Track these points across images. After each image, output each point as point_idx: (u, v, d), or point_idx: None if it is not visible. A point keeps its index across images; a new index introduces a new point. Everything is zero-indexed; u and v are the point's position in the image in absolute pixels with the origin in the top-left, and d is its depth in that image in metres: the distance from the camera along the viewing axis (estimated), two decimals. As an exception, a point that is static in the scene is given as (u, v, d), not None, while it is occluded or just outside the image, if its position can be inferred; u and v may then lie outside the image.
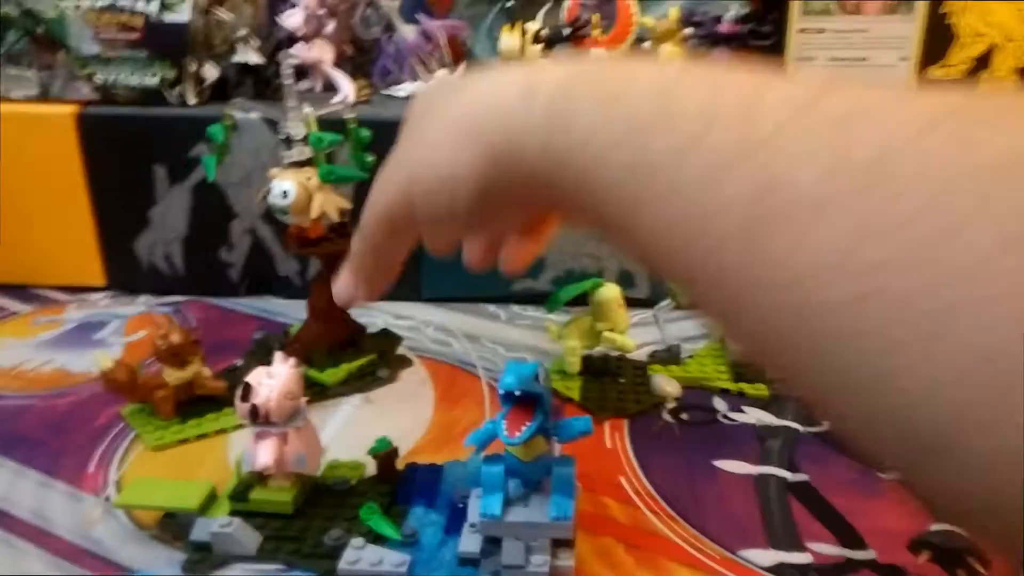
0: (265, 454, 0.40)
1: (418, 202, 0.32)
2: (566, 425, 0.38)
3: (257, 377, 0.41)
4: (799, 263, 0.19)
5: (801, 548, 0.40)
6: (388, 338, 0.57)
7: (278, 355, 0.43)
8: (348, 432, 0.51)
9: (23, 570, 0.39)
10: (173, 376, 0.50)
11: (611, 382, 0.55)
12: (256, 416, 0.40)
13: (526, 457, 0.37)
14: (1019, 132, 0.17)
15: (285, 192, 0.50)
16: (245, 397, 0.40)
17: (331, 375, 0.54)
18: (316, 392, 0.52)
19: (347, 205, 0.52)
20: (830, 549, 0.40)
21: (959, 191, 0.17)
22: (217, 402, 0.52)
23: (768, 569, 0.39)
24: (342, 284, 0.38)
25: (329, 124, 0.52)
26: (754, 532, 0.41)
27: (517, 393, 0.35)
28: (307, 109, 0.49)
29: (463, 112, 0.30)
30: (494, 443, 0.38)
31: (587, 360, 0.56)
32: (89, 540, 0.41)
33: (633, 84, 0.25)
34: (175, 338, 0.50)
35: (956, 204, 0.17)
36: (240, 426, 0.50)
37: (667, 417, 0.52)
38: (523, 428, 0.36)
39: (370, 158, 0.53)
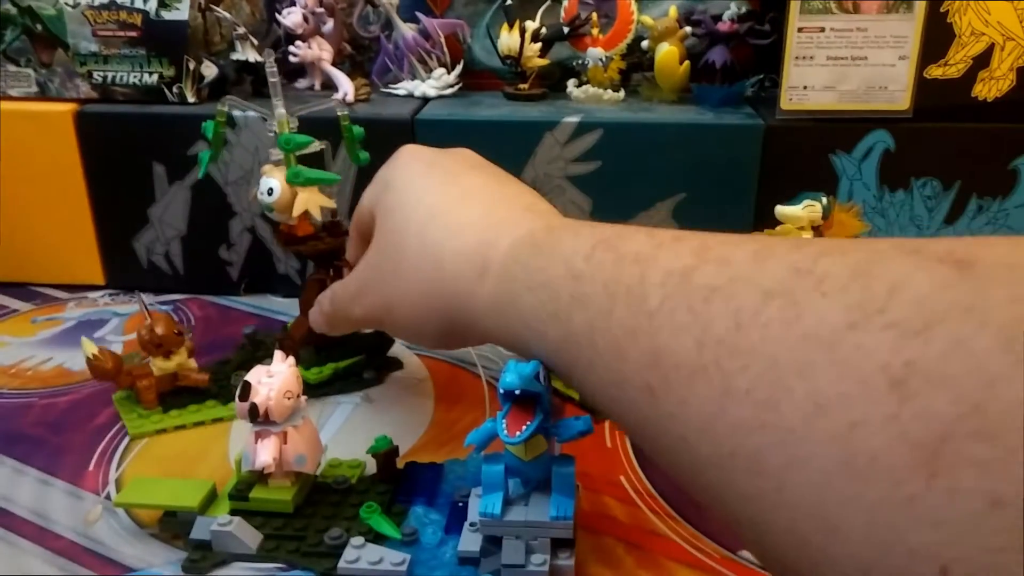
0: (265, 453, 0.40)
1: (390, 328, 0.43)
2: (566, 424, 0.38)
3: (256, 376, 0.41)
4: (687, 421, 0.23)
5: (800, 547, 0.40)
6: (381, 338, 0.57)
7: (278, 354, 0.43)
8: (347, 431, 0.51)
9: (22, 568, 0.39)
10: (157, 366, 0.51)
11: (610, 381, 0.55)
12: (255, 415, 0.40)
13: (526, 456, 0.37)
14: (840, 297, 0.20)
15: (271, 189, 0.50)
16: (244, 396, 0.40)
17: (315, 374, 0.55)
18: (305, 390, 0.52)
19: (331, 204, 0.52)
20: (829, 548, 0.40)
21: (786, 361, 0.20)
22: (201, 394, 0.52)
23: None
24: (314, 323, 0.48)
25: (324, 122, 0.52)
26: (753, 531, 0.41)
27: (517, 392, 0.35)
28: (280, 110, 0.49)
29: (428, 275, 0.36)
30: (494, 442, 0.38)
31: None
32: (89, 538, 0.41)
33: (554, 267, 0.30)
34: (159, 329, 0.50)
35: (783, 373, 0.20)
36: (220, 419, 0.51)
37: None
38: (523, 427, 0.35)
39: (364, 154, 0.53)
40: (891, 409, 0.18)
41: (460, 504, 0.42)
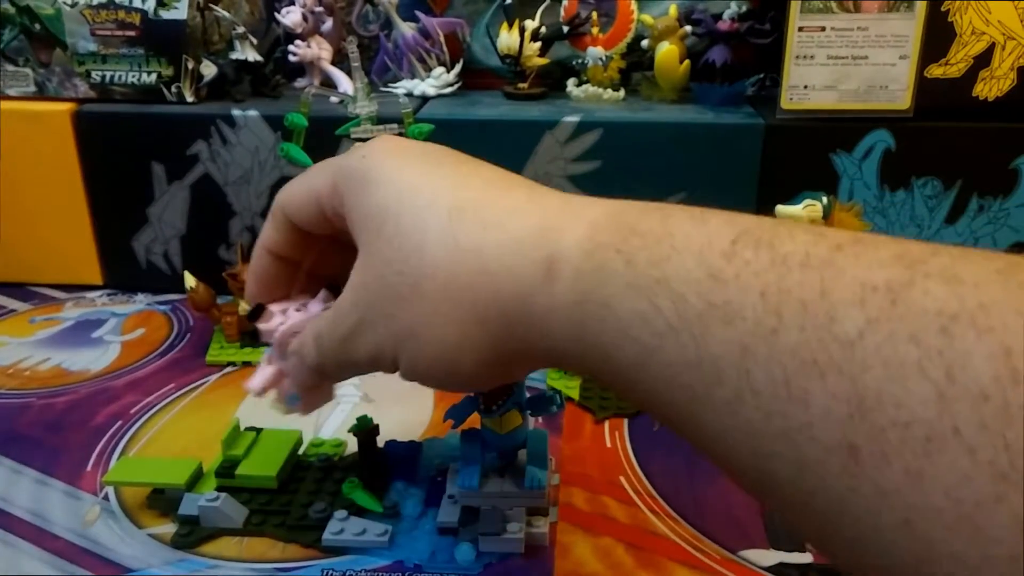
0: (257, 379, 0.38)
1: (408, 368, 0.29)
2: (540, 400, 0.40)
3: (282, 305, 0.38)
4: (918, 503, 0.17)
5: (801, 548, 0.40)
6: None
7: (323, 292, 0.38)
8: (347, 430, 0.50)
9: (20, 568, 0.39)
10: (241, 307, 0.58)
11: (610, 381, 0.55)
12: (258, 337, 0.38)
13: (502, 430, 0.39)
14: None
15: None
16: (254, 317, 0.37)
17: None
18: None
19: None
20: (830, 549, 0.40)
21: None
22: None
23: (768, 569, 0.39)
24: (292, 384, 0.36)
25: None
26: (754, 532, 0.41)
27: None
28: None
29: (467, 280, 0.26)
30: (471, 417, 0.40)
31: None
32: (87, 539, 0.41)
33: (677, 263, 0.22)
34: (244, 276, 0.51)
35: None
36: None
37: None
38: (500, 403, 0.38)
39: None
40: None
41: (439, 479, 0.44)
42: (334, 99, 0.62)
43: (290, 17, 0.69)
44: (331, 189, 0.31)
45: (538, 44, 0.70)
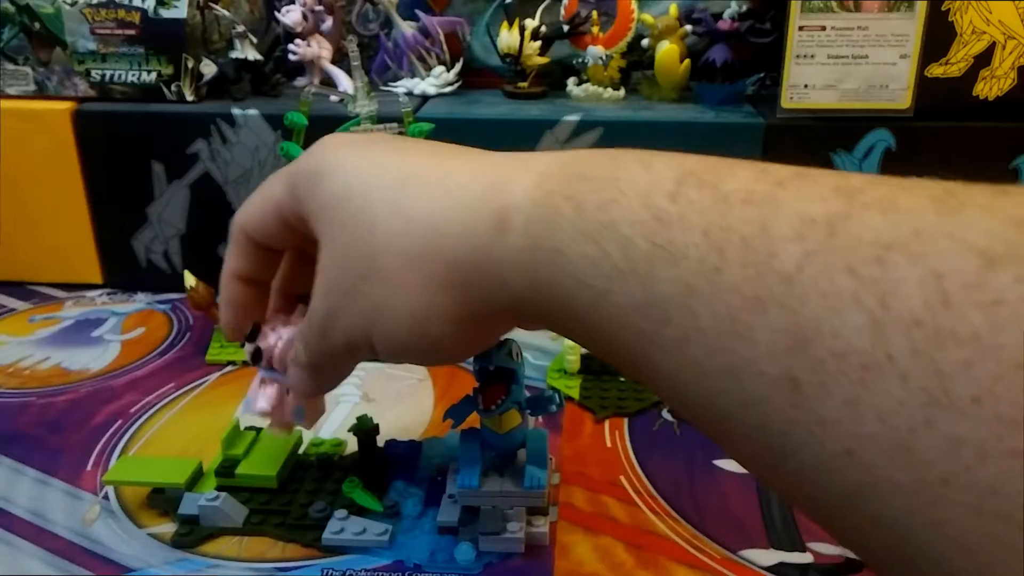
0: (264, 400, 0.40)
1: (383, 346, 0.29)
2: (539, 399, 0.40)
3: (274, 322, 0.39)
4: (856, 431, 0.17)
5: (802, 548, 0.40)
6: None
7: (300, 307, 0.40)
8: (347, 428, 0.50)
9: (20, 568, 0.39)
10: None
11: (611, 381, 0.55)
12: (258, 359, 0.39)
13: (501, 430, 0.39)
14: None
15: None
16: (252, 338, 0.39)
17: None
18: None
19: None
20: (830, 549, 0.40)
21: None
22: None
23: (768, 569, 0.39)
24: (295, 391, 0.38)
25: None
26: (754, 532, 0.41)
27: (491, 368, 0.37)
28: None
29: (422, 246, 0.26)
30: (472, 417, 0.40)
31: (587, 359, 0.56)
32: (87, 538, 0.41)
33: (622, 205, 0.22)
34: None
35: None
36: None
37: (667, 416, 0.52)
38: (498, 402, 0.38)
39: None
40: None
41: (438, 478, 0.44)
42: (334, 98, 0.62)
43: (290, 16, 0.69)
44: (288, 193, 0.32)
45: (538, 43, 0.70)
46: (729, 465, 0.46)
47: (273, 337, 0.38)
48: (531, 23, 0.70)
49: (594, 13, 0.70)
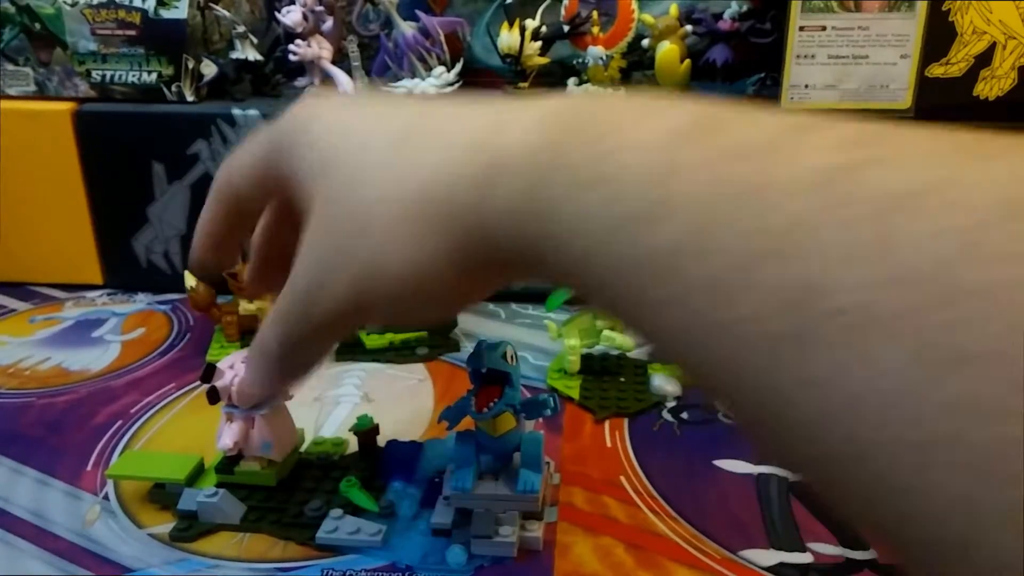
0: (227, 437, 0.41)
1: (376, 304, 0.28)
2: (533, 403, 0.40)
3: (230, 360, 0.41)
4: (850, 391, 0.16)
5: (802, 548, 0.40)
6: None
7: None
8: (346, 430, 0.50)
9: (21, 569, 0.39)
10: (242, 307, 0.59)
11: (611, 381, 0.55)
12: (215, 399, 0.41)
13: (496, 433, 0.39)
14: None
15: None
16: (206, 379, 0.41)
17: (372, 340, 0.57)
18: (349, 354, 0.58)
19: None
20: (830, 549, 0.40)
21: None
22: None
23: (768, 569, 0.39)
24: (255, 386, 0.35)
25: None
26: (754, 532, 0.41)
27: (484, 371, 0.37)
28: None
29: (417, 194, 0.26)
30: (468, 420, 0.40)
31: (587, 359, 0.56)
32: (87, 539, 0.41)
33: (617, 157, 0.21)
34: (244, 275, 0.52)
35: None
36: None
37: (667, 416, 0.52)
38: (491, 404, 0.38)
39: None
40: None
41: (436, 480, 0.44)
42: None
43: (290, 16, 0.69)
44: (275, 154, 0.31)
45: (539, 43, 0.70)
46: (729, 465, 0.46)
47: (230, 374, 0.40)
48: (531, 23, 0.70)
49: (594, 13, 0.70)
